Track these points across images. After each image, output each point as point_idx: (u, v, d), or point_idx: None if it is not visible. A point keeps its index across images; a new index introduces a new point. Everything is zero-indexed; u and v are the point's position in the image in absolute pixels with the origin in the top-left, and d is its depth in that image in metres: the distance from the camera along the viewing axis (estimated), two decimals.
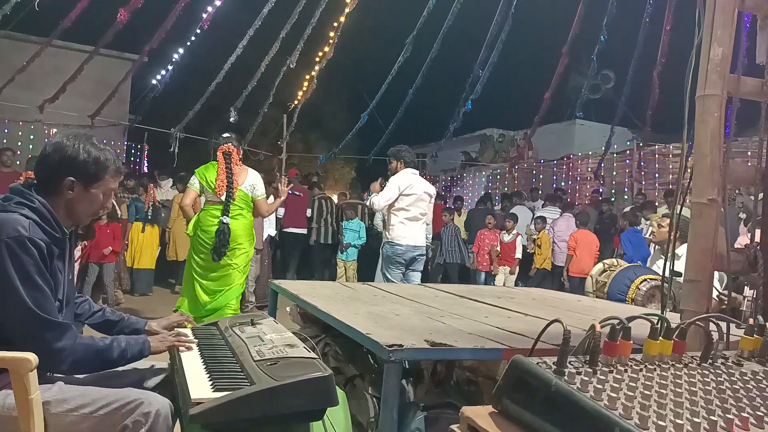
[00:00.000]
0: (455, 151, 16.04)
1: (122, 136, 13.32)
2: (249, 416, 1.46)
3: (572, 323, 1.74)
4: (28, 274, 1.58)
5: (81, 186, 1.74)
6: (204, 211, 4.62)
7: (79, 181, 1.73)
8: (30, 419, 1.50)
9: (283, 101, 12.46)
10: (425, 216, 5.27)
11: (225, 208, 4.52)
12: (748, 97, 1.81)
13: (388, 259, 5.08)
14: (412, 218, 5.10)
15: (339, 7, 10.76)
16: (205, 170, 4.68)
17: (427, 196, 5.23)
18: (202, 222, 4.58)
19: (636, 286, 4.28)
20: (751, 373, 1.19)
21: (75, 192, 1.74)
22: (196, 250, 4.63)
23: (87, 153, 1.73)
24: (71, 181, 1.72)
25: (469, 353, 1.96)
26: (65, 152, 1.72)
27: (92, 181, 1.76)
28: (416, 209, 5.12)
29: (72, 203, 1.75)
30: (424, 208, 5.22)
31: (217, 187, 4.52)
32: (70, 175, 1.72)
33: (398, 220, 5.07)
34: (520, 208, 9.98)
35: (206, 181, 4.60)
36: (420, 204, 5.15)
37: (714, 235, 1.73)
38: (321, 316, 2.51)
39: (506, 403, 1.10)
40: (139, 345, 1.81)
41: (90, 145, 1.75)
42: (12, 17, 9.02)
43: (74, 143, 1.73)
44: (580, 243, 8.05)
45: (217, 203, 4.57)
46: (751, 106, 1.85)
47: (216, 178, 4.54)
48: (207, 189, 4.61)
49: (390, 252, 5.07)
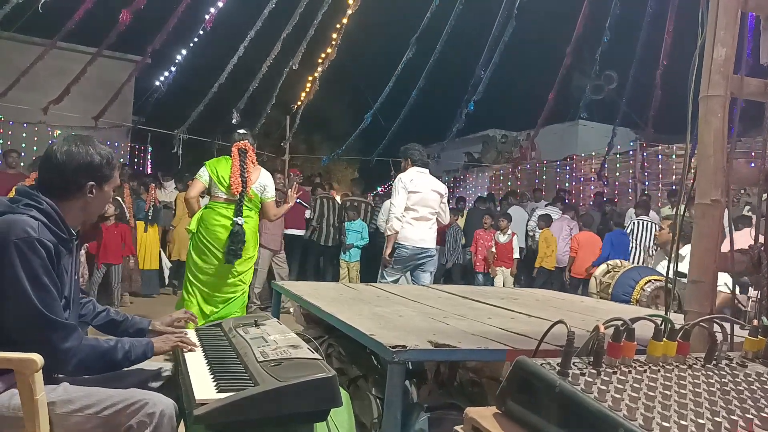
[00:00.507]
0: (458, 151, 16.05)
1: (126, 138, 13.36)
2: (253, 417, 1.47)
3: (576, 324, 1.75)
4: (37, 274, 1.59)
5: (98, 187, 1.79)
6: (209, 209, 4.34)
7: (97, 183, 1.78)
8: (35, 420, 1.51)
9: (286, 102, 12.49)
10: (436, 215, 4.93)
11: (238, 208, 4.28)
12: (751, 97, 1.81)
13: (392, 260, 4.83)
14: (420, 218, 4.81)
15: (341, 8, 10.78)
16: (216, 164, 4.39)
17: (435, 194, 4.91)
18: (206, 220, 4.30)
19: (640, 287, 4.28)
20: (755, 374, 1.19)
21: (95, 194, 1.79)
22: (196, 250, 4.34)
23: (99, 155, 1.78)
24: (92, 184, 1.77)
25: (472, 354, 1.96)
26: (81, 158, 1.75)
27: (106, 181, 1.81)
28: (424, 209, 4.82)
29: (90, 205, 1.80)
30: (435, 207, 4.90)
31: (232, 184, 4.26)
32: (91, 180, 1.77)
33: (405, 220, 4.77)
34: (516, 208, 9.93)
35: (217, 176, 4.31)
36: (428, 203, 4.85)
37: (717, 235, 1.73)
38: (325, 317, 2.51)
39: (510, 404, 1.10)
40: (143, 346, 1.83)
41: (93, 146, 1.79)
42: (16, 19, 9.06)
43: (84, 148, 1.76)
44: (582, 245, 8.04)
45: (225, 201, 4.31)
46: (755, 107, 1.85)
47: (230, 175, 4.28)
48: (217, 184, 4.32)
49: (395, 252, 4.79)
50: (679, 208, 1.88)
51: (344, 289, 3.49)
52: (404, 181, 4.79)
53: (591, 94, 12.31)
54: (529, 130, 13.90)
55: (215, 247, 4.29)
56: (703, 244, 1.74)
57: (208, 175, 4.35)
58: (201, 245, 4.31)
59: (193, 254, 4.37)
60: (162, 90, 11.59)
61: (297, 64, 11.12)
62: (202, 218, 4.34)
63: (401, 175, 4.88)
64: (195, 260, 4.34)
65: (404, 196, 4.76)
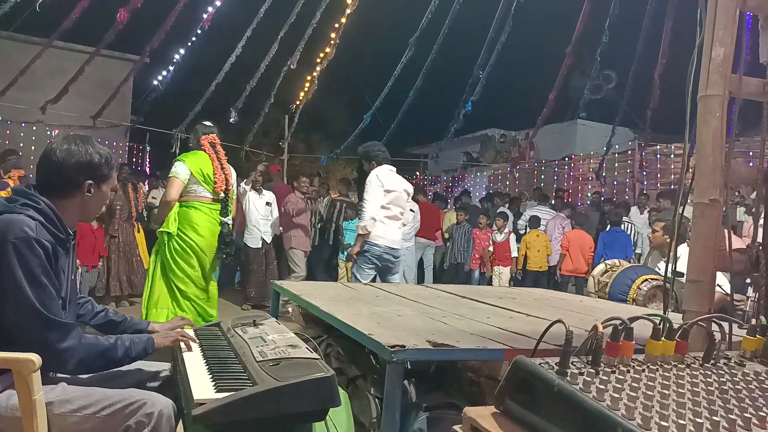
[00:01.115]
0: (456, 151, 16.03)
1: (124, 137, 13.33)
2: (252, 417, 1.47)
3: (574, 324, 1.75)
4: (35, 274, 1.59)
5: (97, 187, 1.80)
6: (194, 209, 4.05)
7: (95, 182, 1.79)
8: (33, 420, 1.51)
9: (284, 102, 12.47)
10: (403, 216, 4.84)
11: (224, 207, 4.10)
12: (750, 97, 1.81)
13: (362, 258, 4.63)
14: (392, 217, 4.67)
15: (340, 7, 10.77)
16: (197, 160, 4.07)
17: (404, 194, 4.79)
18: (196, 222, 4.02)
19: (637, 286, 4.29)
20: (753, 373, 1.19)
21: (93, 193, 1.79)
22: (179, 254, 4.02)
23: (99, 155, 1.79)
24: (90, 183, 1.78)
25: (471, 354, 1.96)
26: (80, 157, 1.76)
27: (104, 180, 1.82)
28: (396, 208, 4.70)
29: (88, 204, 1.80)
30: (404, 207, 4.81)
31: (216, 183, 4.05)
32: (89, 179, 1.77)
33: (378, 219, 4.59)
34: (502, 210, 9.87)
35: (202, 175, 4.05)
36: (399, 202, 4.73)
37: (716, 235, 1.73)
38: (323, 317, 2.51)
39: (509, 403, 1.11)
40: (143, 342, 1.83)
41: (92, 145, 1.80)
42: (14, 18, 9.04)
43: (84, 147, 1.77)
44: (572, 243, 8.12)
45: (211, 201, 4.08)
46: (753, 107, 1.85)
47: (213, 173, 4.06)
48: (201, 183, 4.05)
49: (366, 251, 4.60)
50: (677, 208, 1.89)
51: (343, 289, 3.48)
52: (381, 179, 4.59)
53: (590, 93, 12.31)
54: (528, 129, 13.90)
55: (201, 249, 4.08)
56: (702, 244, 1.74)
57: (189, 172, 4.05)
58: (185, 247, 4.04)
59: (177, 259, 4.05)
60: (160, 89, 11.57)
61: (295, 64, 11.11)
62: (185, 219, 4.05)
63: (377, 171, 4.64)
64: (180, 264, 4.06)
65: (380, 194, 4.58)
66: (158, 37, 10.15)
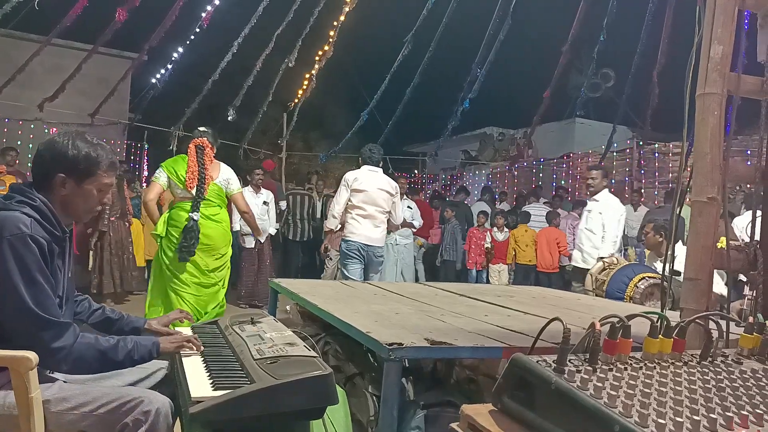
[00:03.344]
0: (455, 149, 16.02)
1: (122, 135, 13.29)
2: (249, 415, 1.47)
3: (572, 321, 1.74)
4: (30, 271, 1.58)
5: (73, 182, 1.73)
6: (177, 209, 4.21)
7: (70, 177, 1.73)
8: (30, 418, 1.50)
9: (283, 100, 12.44)
10: (385, 215, 5.00)
11: (195, 204, 4.13)
12: (748, 95, 1.81)
13: (343, 255, 4.97)
14: (367, 216, 4.90)
15: (338, 5, 10.76)
16: (173, 163, 4.27)
17: (384, 193, 4.96)
18: (174, 219, 4.17)
19: (634, 284, 4.29)
20: (750, 371, 1.19)
21: (67, 188, 1.73)
22: (170, 251, 4.16)
23: (77, 149, 1.73)
24: (62, 177, 1.72)
25: (469, 352, 1.96)
26: (56, 149, 1.72)
27: (84, 177, 1.75)
28: (371, 207, 4.91)
29: (66, 200, 1.74)
30: (384, 206, 4.97)
31: (187, 180, 4.14)
32: (61, 172, 1.72)
33: (350, 217, 4.91)
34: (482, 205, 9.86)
35: (176, 176, 4.19)
36: (376, 202, 4.93)
37: (714, 233, 1.73)
38: (321, 315, 2.51)
39: (506, 401, 1.11)
40: (148, 346, 1.78)
41: (81, 140, 1.75)
42: (12, 16, 9.01)
43: (65, 140, 1.73)
44: (539, 239, 8.31)
45: (188, 199, 4.18)
46: (752, 105, 1.85)
47: (186, 171, 4.17)
48: (176, 184, 4.20)
49: (344, 247, 4.96)
50: (674, 206, 1.89)
51: (341, 287, 3.49)
52: (347, 180, 4.97)
53: (588, 92, 12.31)
54: (526, 128, 13.89)
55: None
56: (700, 242, 1.74)
57: (166, 177, 4.24)
58: (172, 247, 4.16)
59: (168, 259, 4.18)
60: (158, 87, 11.54)
61: (293, 62, 11.09)
62: (170, 219, 4.22)
63: (349, 173, 5.05)
64: (171, 264, 4.17)
65: (345, 194, 4.92)
66: (157, 35, 10.11)
